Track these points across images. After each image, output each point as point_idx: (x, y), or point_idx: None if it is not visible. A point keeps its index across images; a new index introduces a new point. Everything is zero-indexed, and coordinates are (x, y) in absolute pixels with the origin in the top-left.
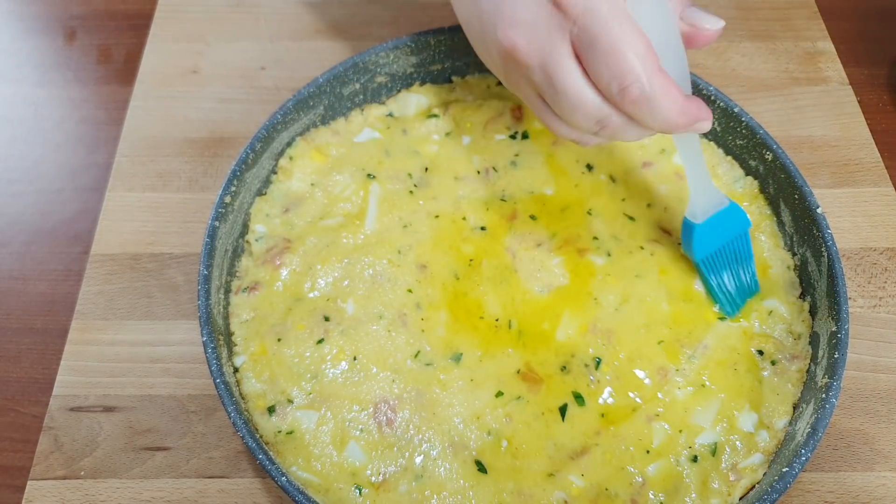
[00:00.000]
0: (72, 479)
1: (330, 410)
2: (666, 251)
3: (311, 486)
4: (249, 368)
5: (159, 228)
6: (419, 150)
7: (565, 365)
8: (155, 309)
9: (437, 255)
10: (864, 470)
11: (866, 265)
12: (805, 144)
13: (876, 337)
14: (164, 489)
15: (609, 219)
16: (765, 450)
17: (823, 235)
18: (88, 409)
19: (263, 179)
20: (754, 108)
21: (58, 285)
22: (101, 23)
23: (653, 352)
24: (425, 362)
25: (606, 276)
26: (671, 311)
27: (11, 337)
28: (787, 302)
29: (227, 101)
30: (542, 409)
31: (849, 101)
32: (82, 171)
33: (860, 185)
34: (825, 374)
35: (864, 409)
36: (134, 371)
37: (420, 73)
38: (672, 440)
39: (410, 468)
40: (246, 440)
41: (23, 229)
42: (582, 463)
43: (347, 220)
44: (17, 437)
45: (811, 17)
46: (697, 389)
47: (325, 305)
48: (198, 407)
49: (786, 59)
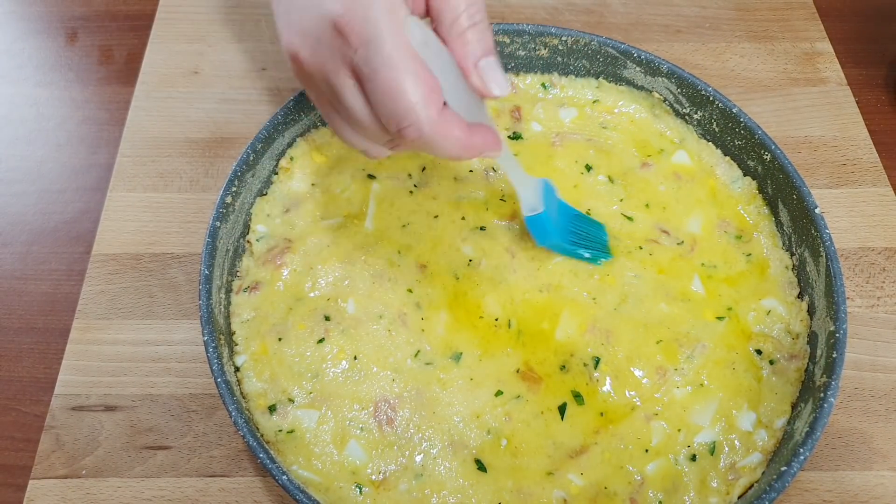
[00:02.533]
0: (73, 479)
1: (330, 409)
2: (664, 251)
3: (311, 485)
4: (250, 368)
5: (161, 228)
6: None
7: (564, 364)
8: (156, 308)
9: (437, 255)
10: (862, 469)
11: (864, 265)
12: (803, 145)
13: (874, 336)
14: (166, 488)
15: (608, 219)
16: (763, 449)
17: (822, 235)
18: (90, 408)
19: (264, 180)
20: (753, 108)
21: (59, 285)
22: (102, 23)
23: (651, 351)
24: (425, 361)
25: (605, 276)
26: (670, 310)
27: (13, 336)
28: (786, 301)
29: (228, 102)
30: (542, 408)
31: (847, 101)
32: (84, 171)
33: (858, 185)
34: (823, 374)
35: (863, 409)
36: (135, 370)
37: None
38: (671, 439)
39: (410, 467)
40: (247, 439)
41: (25, 229)
42: (581, 462)
43: (348, 220)
44: (19, 437)
45: (809, 17)
46: (696, 389)
47: (326, 305)
48: (199, 406)
49: (784, 59)
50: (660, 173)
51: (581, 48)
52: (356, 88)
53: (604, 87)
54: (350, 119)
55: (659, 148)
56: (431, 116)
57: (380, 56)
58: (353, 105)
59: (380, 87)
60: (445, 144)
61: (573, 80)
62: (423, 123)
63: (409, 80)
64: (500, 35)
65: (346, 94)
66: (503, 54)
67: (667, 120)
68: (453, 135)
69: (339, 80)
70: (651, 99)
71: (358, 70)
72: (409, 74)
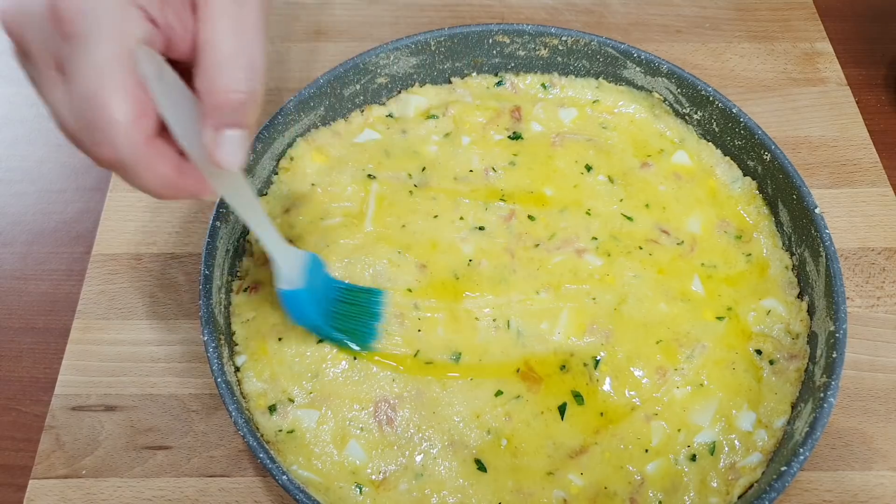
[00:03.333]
0: (73, 478)
1: (330, 409)
2: (664, 251)
3: (311, 485)
4: (250, 368)
5: (161, 228)
6: (419, 151)
7: (564, 364)
8: (156, 309)
9: (437, 255)
10: (862, 469)
11: (864, 265)
12: (803, 145)
13: (874, 336)
14: (166, 488)
15: (607, 219)
16: (763, 449)
17: (821, 235)
18: (90, 408)
19: (264, 180)
20: (753, 108)
21: (59, 285)
22: None
23: (651, 351)
24: (425, 361)
25: (605, 276)
26: (669, 310)
27: (13, 336)
28: (786, 302)
29: None
30: (542, 408)
31: (847, 101)
32: (84, 171)
33: (858, 185)
34: (823, 374)
35: (863, 409)
36: (135, 370)
37: (420, 73)
38: (671, 439)
39: (411, 467)
40: (247, 439)
41: (25, 229)
42: (581, 462)
43: (347, 220)
44: (19, 437)
45: (809, 17)
46: (696, 389)
47: None
48: (199, 406)
49: (784, 59)
50: (660, 173)
51: (581, 48)
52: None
53: (604, 88)
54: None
55: (659, 148)
56: (134, 140)
57: (88, 57)
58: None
59: (78, 92)
60: (147, 177)
61: (573, 80)
62: (121, 145)
63: (115, 94)
64: (500, 35)
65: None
66: (503, 54)
67: (667, 120)
68: (159, 170)
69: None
70: (651, 99)
71: (63, 62)
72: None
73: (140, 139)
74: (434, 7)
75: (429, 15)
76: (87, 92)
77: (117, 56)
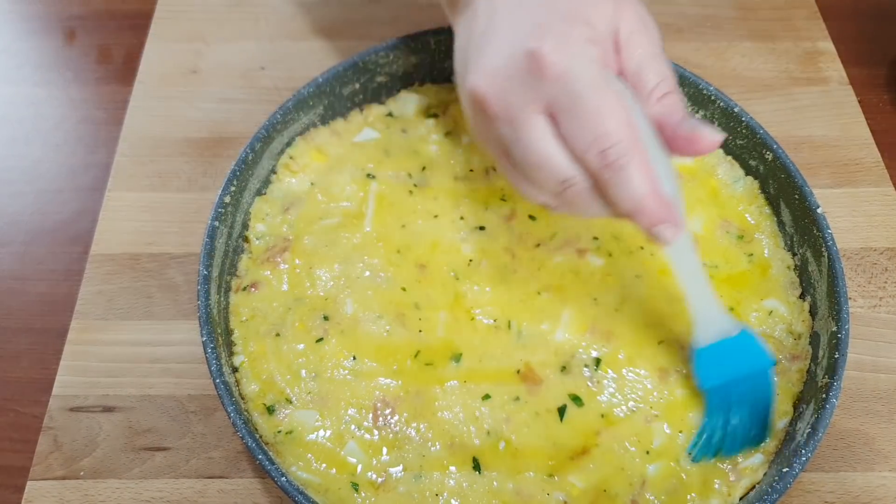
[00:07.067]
0: (71, 480)
1: (329, 410)
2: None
3: (310, 487)
4: (249, 368)
5: (159, 228)
6: (419, 150)
7: (565, 365)
8: (154, 309)
9: (437, 255)
10: (864, 470)
11: (866, 265)
12: (805, 144)
13: (876, 337)
14: (164, 489)
15: (609, 219)
16: (765, 450)
17: (823, 235)
18: (88, 409)
19: (263, 179)
20: (754, 108)
21: (57, 285)
22: (100, 23)
23: (653, 352)
24: (424, 362)
25: (606, 276)
26: (671, 311)
27: (11, 337)
28: (788, 302)
29: (226, 101)
30: (542, 409)
31: (849, 101)
32: (82, 171)
33: (860, 185)
34: (825, 374)
35: (865, 409)
36: (133, 371)
37: (420, 72)
38: (672, 440)
39: (410, 468)
40: (245, 440)
41: (22, 229)
42: (581, 463)
43: (347, 220)
44: (17, 437)
45: (811, 16)
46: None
47: (325, 305)
48: (197, 407)
49: (786, 59)
50: None
51: None
52: (545, 122)
53: None
54: (530, 161)
55: None
56: (633, 140)
57: (582, 82)
58: (537, 141)
59: (583, 109)
60: (637, 178)
61: None
62: (625, 145)
63: (613, 105)
64: None
65: (529, 130)
66: None
67: None
68: (649, 172)
69: (526, 116)
70: None
71: (554, 101)
72: (612, 100)
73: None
74: (434, 6)
75: (428, 14)
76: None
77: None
